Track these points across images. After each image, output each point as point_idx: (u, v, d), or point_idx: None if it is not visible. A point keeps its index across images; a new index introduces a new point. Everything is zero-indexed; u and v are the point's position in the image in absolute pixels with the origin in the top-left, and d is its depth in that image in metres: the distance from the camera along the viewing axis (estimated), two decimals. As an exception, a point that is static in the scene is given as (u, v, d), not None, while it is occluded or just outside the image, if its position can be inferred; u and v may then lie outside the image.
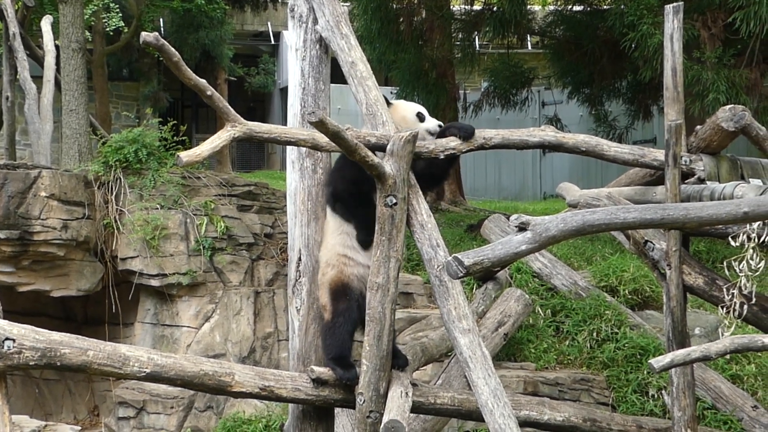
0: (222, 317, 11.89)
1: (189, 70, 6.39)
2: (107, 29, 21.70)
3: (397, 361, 6.98)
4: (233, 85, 28.82)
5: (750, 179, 7.27)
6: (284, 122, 8.01)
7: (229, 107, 6.63)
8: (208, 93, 6.45)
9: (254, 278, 12.25)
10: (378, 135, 6.84)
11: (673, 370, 7.07)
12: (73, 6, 14.30)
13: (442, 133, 7.24)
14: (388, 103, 7.34)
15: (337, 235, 7.10)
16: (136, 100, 28.47)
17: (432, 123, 7.31)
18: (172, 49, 6.28)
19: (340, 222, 7.09)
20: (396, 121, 7.21)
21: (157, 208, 11.89)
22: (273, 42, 31.37)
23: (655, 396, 9.42)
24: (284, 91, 28.09)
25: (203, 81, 6.47)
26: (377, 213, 6.68)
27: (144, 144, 12.27)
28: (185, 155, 6.35)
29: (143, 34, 6.15)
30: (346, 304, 7.02)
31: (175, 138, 12.70)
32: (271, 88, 30.33)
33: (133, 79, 28.46)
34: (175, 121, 13.23)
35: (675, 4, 7.33)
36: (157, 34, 6.19)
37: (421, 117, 7.33)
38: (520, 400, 7.79)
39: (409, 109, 7.47)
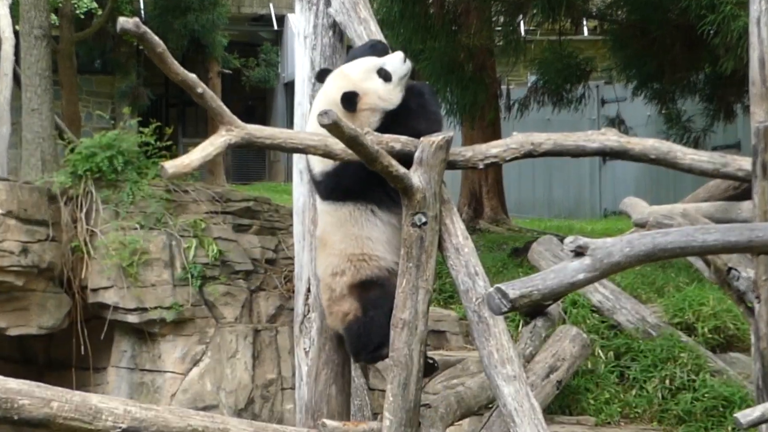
0: (214, 361, 11.91)
1: (175, 62, 6.40)
2: (77, 12, 21.84)
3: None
4: (228, 80, 28.98)
5: None
6: (290, 124, 8.03)
7: (224, 107, 6.63)
8: (199, 90, 6.46)
9: (253, 313, 12.27)
10: (403, 140, 6.84)
11: (764, 425, 7.03)
12: (36, -15, 14.42)
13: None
14: (321, 79, 7.22)
15: (344, 234, 7.11)
16: (111, 97, 28.61)
17: (397, 68, 7.09)
18: (156, 38, 6.29)
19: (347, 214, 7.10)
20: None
21: (136, 228, 11.93)
22: (276, 27, 31.51)
23: (742, 457, 9.37)
24: (290, 87, 28.13)
25: (193, 75, 6.47)
26: (403, 235, 6.69)
27: (120, 150, 12.31)
28: (171, 165, 6.36)
29: (120, 19, 6.15)
30: (378, 291, 7.01)
31: (158, 143, 12.74)
32: (273, 82, 30.49)
33: (108, 72, 28.61)
34: (158, 123, 13.27)
35: (764, -20, 7.33)
36: (137, 19, 6.19)
37: (382, 73, 7.11)
38: (577, 462, 7.78)
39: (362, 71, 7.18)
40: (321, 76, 7.27)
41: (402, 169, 6.48)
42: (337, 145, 6.52)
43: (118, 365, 12.09)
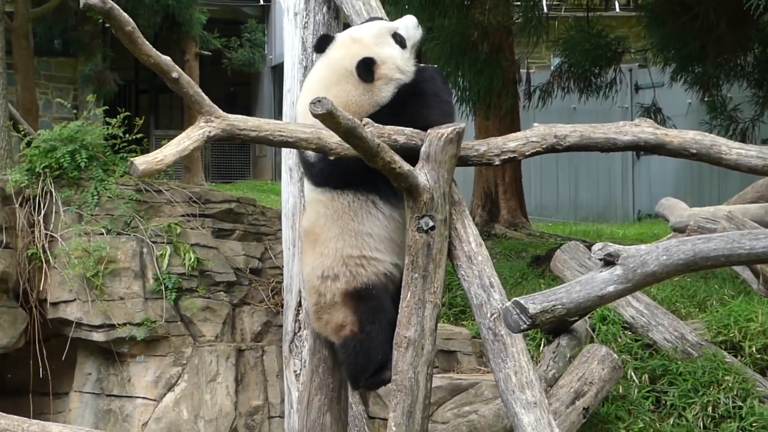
0: (191, 385, 11.91)
1: (147, 43, 6.42)
2: (33, -14, 21.86)
3: None
4: (207, 63, 28.98)
5: None
6: (278, 114, 8.06)
7: (203, 94, 6.66)
8: (174, 75, 6.48)
9: (236, 331, 12.28)
10: (408, 132, 6.86)
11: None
12: (-13, -46, 14.46)
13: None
14: (322, 48, 7.22)
15: (341, 230, 7.12)
16: (73, 82, 28.65)
17: (411, 34, 7.20)
18: (125, 15, 6.31)
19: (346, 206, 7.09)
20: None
21: (102, 234, 11.93)
22: (262, 2, 31.51)
23: (795, 494, 9.41)
24: (278, 71, 28.08)
25: (166, 58, 6.50)
26: (407, 241, 6.70)
27: (84, 144, 12.31)
28: (142, 161, 6.38)
29: (84, -7, 6.18)
30: (375, 302, 7.04)
31: (127, 136, 12.73)
32: (259, 66, 30.49)
33: (69, 54, 28.64)
34: (127, 113, 13.26)
35: (820, -51, 7.35)
36: (103, -7, 6.22)
37: (398, 38, 7.20)
38: (607, 500, 7.80)
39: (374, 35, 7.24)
40: (321, 43, 7.22)
41: (406, 166, 6.49)
42: (332, 138, 6.54)
43: (81, 390, 12.08)
